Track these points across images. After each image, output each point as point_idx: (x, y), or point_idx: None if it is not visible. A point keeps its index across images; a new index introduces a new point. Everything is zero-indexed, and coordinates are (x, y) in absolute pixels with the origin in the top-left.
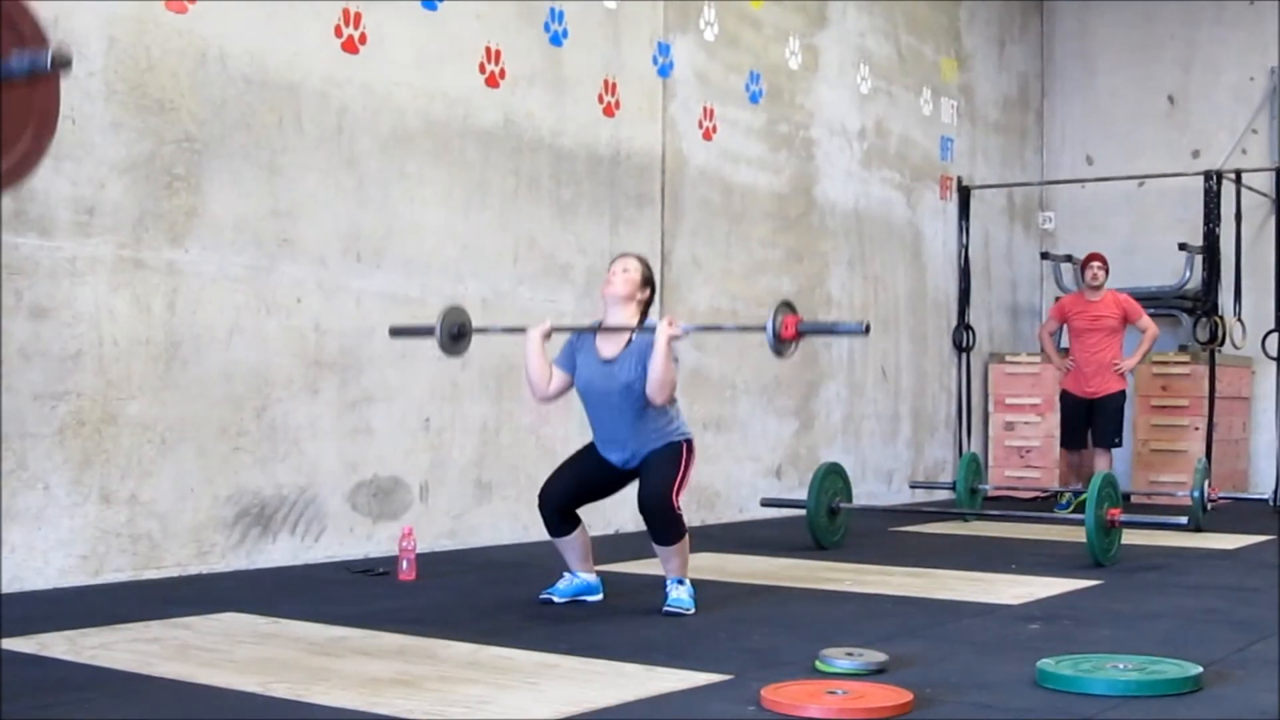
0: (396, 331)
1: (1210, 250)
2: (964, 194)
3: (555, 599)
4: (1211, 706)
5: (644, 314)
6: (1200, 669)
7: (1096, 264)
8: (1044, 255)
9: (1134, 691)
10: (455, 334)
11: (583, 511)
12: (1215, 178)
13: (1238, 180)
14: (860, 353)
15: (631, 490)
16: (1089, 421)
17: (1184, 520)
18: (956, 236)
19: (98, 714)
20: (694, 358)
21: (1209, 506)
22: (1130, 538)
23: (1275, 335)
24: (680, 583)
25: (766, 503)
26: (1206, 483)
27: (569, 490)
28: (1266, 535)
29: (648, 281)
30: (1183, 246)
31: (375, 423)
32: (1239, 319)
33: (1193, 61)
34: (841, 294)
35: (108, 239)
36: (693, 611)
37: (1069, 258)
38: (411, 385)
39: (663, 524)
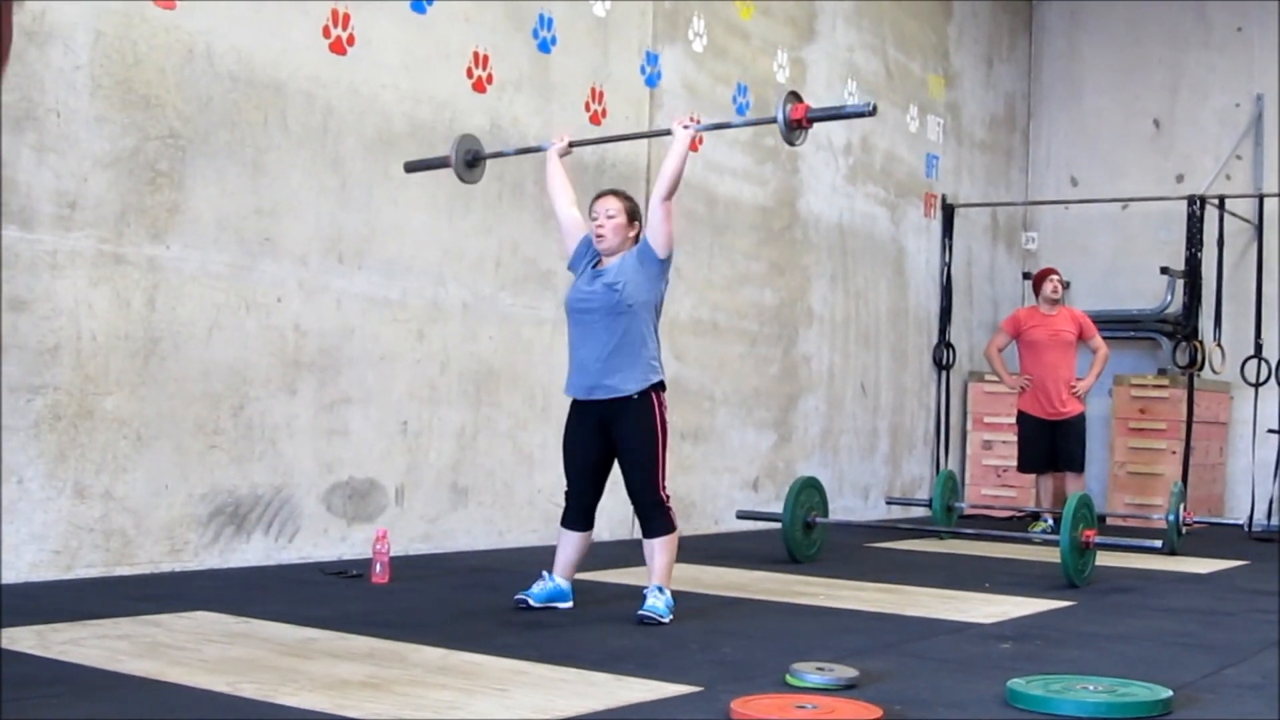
0: (411, 166)
1: (1192, 275)
2: (948, 212)
3: (531, 602)
4: None
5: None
6: (1170, 693)
7: (1057, 278)
8: (1026, 275)
9: (1103, 713)
10: (470, 161)
11: None
12: (1199, 202)
13: (1221, 205)
14: (840, 368)
15: (611, 499)
16: (1053, 444)
17: (1158, 543)
18: (939, 254)
19: (64, 710)
20: (673, 368)
21: (1184, 530)
22: (1104, 559)
23: (1254, 361)
24: (660, 591)
25: (742, 515)
26: (1182, 506)
27: (587, 484)
28: (1241, 560)
29: (633, 215)
30: (1164, 270)
31: (352, 424)
32: (1219, 344)
33: (1179, 86)
34: (823, 308)
35: (89, 233)
36: (666, 621)
37: None
38: (390, 388)
39: (650, 515)
